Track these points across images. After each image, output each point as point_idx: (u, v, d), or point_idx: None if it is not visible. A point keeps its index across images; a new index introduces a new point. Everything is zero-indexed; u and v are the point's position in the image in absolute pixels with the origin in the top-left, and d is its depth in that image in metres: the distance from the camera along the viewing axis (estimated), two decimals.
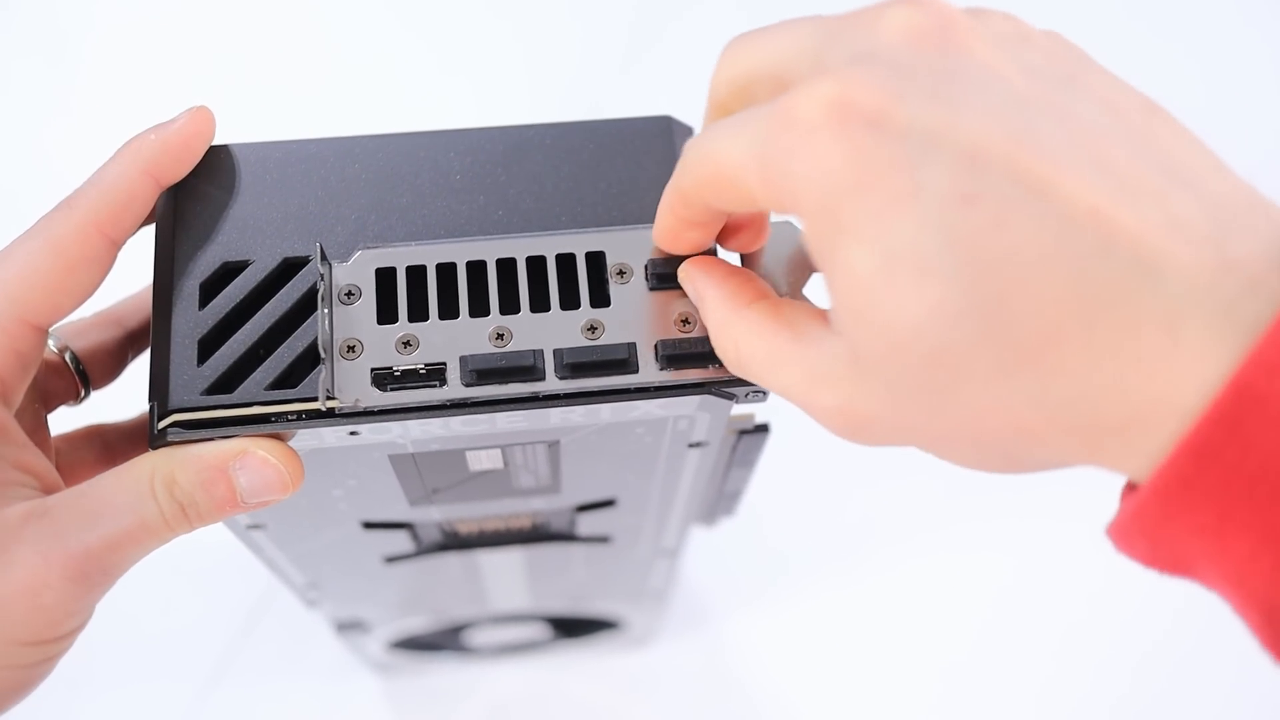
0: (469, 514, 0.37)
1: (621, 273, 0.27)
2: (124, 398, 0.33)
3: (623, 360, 0.26)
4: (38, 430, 0.29)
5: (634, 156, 0.29)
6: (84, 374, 0.30)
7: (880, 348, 0.19)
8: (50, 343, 0.30)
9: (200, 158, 0.28)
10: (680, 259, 0.27)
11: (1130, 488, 0.20)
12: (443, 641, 0.53)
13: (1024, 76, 0.20)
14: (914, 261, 0.18)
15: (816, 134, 0.19)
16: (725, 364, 0.25)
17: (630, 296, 0.27)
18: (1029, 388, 0.18)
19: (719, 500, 0.39)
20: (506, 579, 0.44)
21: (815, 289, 0.24)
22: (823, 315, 0.22)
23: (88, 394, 0.31)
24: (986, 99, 0.19)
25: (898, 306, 0.19)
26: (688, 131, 0.30)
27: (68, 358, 0.30)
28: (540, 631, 0.53)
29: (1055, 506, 0.60)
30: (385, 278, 0.27)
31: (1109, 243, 0.17)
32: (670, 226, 0.26)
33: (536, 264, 0.27)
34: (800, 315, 0.23)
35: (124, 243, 0.27)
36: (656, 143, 0.29)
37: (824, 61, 0.21)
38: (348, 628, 0.48)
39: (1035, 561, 0.59)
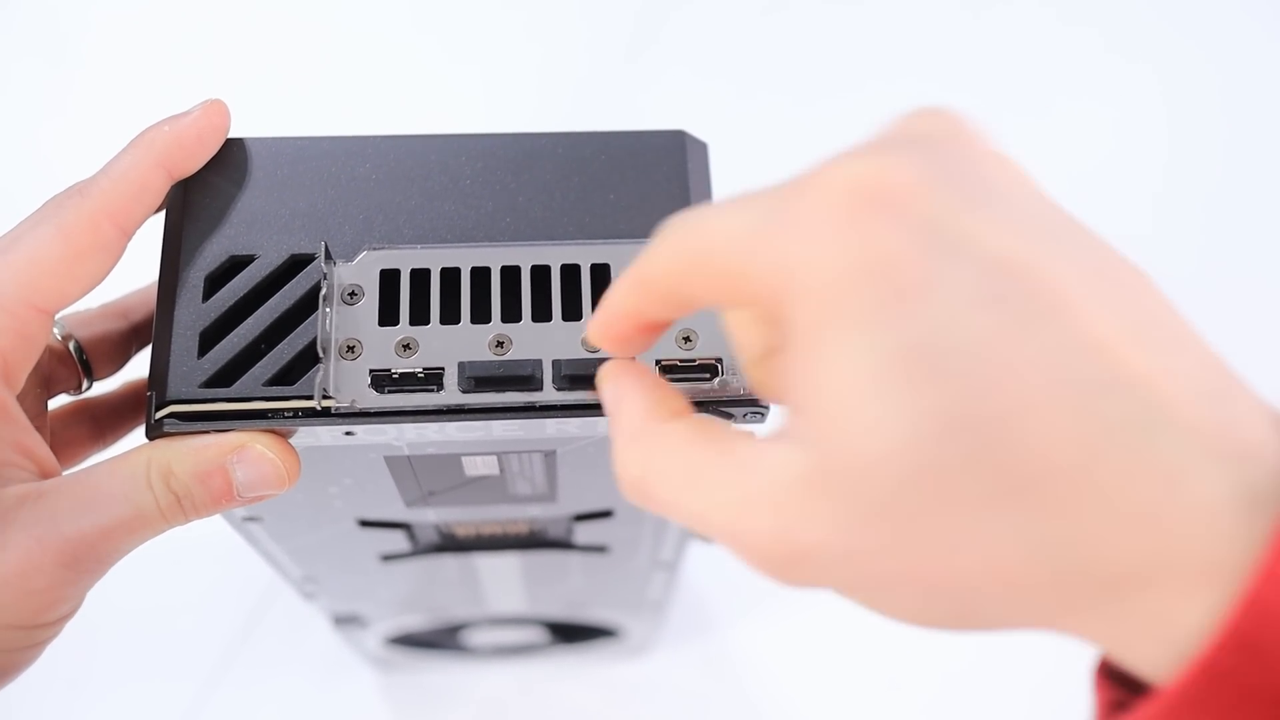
0: (465, 517, 0.37)
1: None
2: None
3: None
4: (39, 415, 0.29)
5: (645, 170, 0.29)
6: (87, 364, 0.31)
7: (851, 461, 0.17)
8: (55, 330, 0.30)
9: (214, 152, 0.28)
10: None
11: (1104, 672, 0.19)
12: (440, 640, 0.53)
13: (1041, 198, 0.19)
14: (919, 362, 0.16)
15: (833, 208, 0.17)
16: (623, 488, 0.21)
17: None
18: (1013, 521, 0.17)
19: None
20: (503, 583, 0.44)
21: None
22: (751, 436, 0.20)
23: (90, 384, 0.31)
24: (1011, 209, 0.18)
25: (886, 412, 0.17)
26: (701, 147, 0.30)
27: (71, 347, 0.30)
28: (538, 635, 0.53)
29: None
30: (389, 279, 0.27)
31: (1115, 379, 0.16)
32: (614, 323, 0.22)
33: (541, 273, 0.27)
34: (728, 432, 0.20)
35: (134, 232, 0.28)
36: (669, 157, 0.29)
37: (849, 152, 0.19)
38: (345, 621, 0.48)
39: None
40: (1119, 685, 0.19)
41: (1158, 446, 0.16)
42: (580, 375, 0.26)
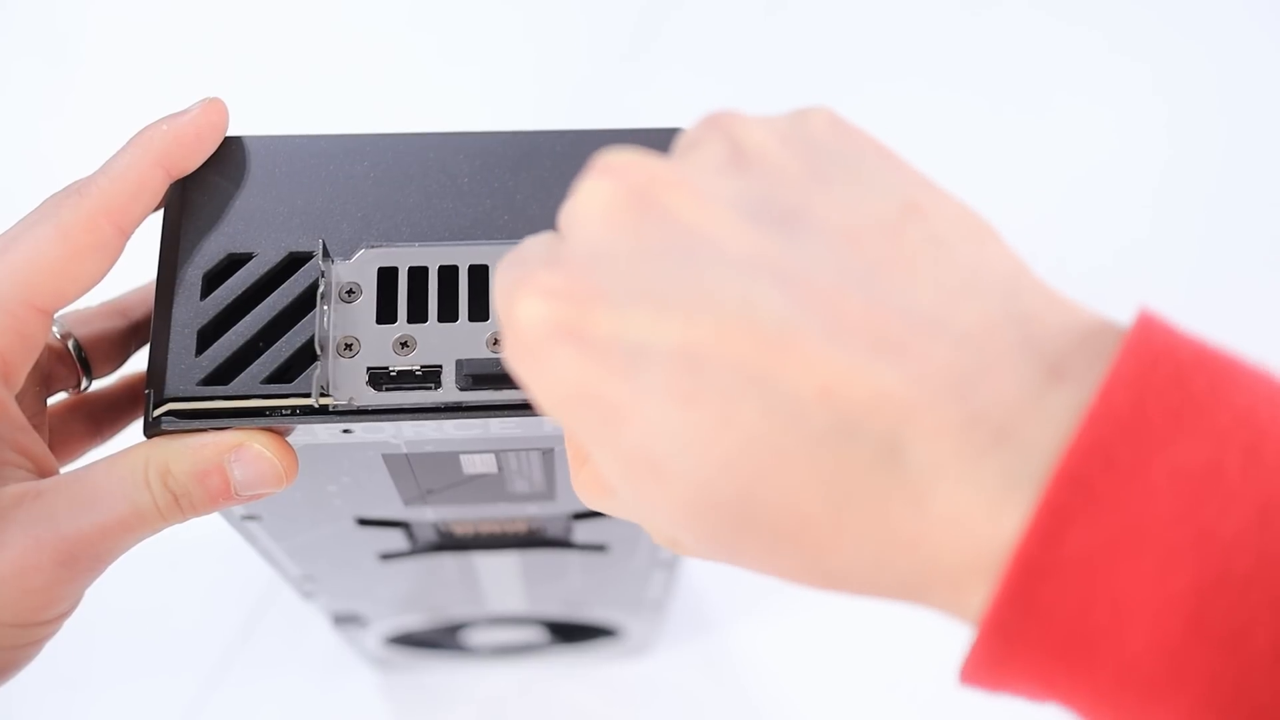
0: (464, 516, 0.37)
1: None
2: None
3: None
4: (37, 415, 0.29)
5: None
6: (85, 362, 0.31)
7: (651, 530, 0.20)
8: (54, 329, 0.30)
9: (212, 151, 0.28)
10: None
11: None
12: (439, 640, 0.53)
13: (738, 227, 0.18)
14: (649, 467, 0.18)
15: (525, 355, 0.19)
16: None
17: None
18: (799, 561, 0.18)
19: None
20: (503, 582, 0.44)
21: None
22: None
23: (89, 383, 0.31)
24: (691, 279, 0.18)
25: (646, 506, 0.19)
26: None
27: (70, 345, 0.30)
28: (538, 635, 0.53)
29: None
30: (387, 277, 0.27)
31: (842, 422, 0.17)
32: None
33: None
34: None
35: (132, 231, 0.28)
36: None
37: (536, 261, 0.19)
38: (344, 621, 0.48)
39: None
40: None
41: (900, 472, 0.16)
42: None
